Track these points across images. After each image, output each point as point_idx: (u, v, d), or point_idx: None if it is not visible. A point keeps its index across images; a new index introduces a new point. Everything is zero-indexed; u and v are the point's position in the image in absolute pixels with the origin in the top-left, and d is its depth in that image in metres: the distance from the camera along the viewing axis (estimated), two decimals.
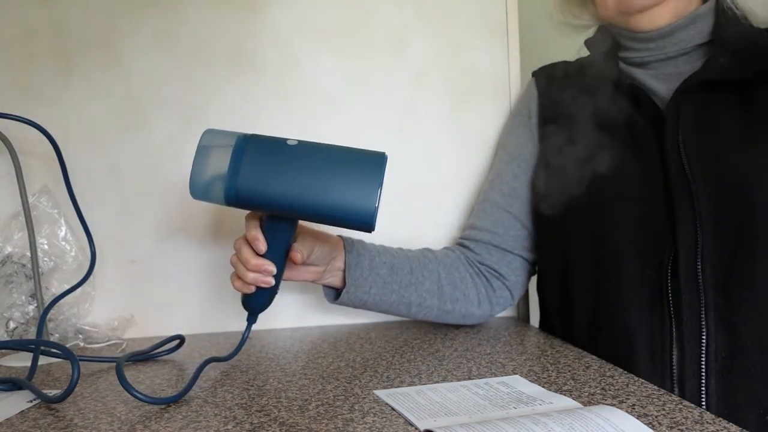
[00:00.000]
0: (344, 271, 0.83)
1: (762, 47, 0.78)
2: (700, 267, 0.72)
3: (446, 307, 0.89)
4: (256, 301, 0.77)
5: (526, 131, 0.95)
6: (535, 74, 0.98)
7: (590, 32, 0.94)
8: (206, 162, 0.68)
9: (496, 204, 0.93)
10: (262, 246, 0.72)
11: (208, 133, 0.69)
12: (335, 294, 0.86)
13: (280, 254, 0.74)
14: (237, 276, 0.75)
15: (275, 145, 0.68)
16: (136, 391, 0.62)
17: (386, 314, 0.91)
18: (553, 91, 0.93)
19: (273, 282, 0.74)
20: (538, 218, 0.91)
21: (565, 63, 0.96)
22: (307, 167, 0.67)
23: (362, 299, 0.85)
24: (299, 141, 0.69)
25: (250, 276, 0.73)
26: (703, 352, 0.72)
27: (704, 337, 0.72)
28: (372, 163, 0.67)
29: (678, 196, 0.75)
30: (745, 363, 0.70)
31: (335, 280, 0.84)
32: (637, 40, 0.84)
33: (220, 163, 0.67)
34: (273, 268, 0.73)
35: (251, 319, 0.79)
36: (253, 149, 0.68)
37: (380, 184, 0.66)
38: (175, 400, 0.64)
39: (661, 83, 0.83)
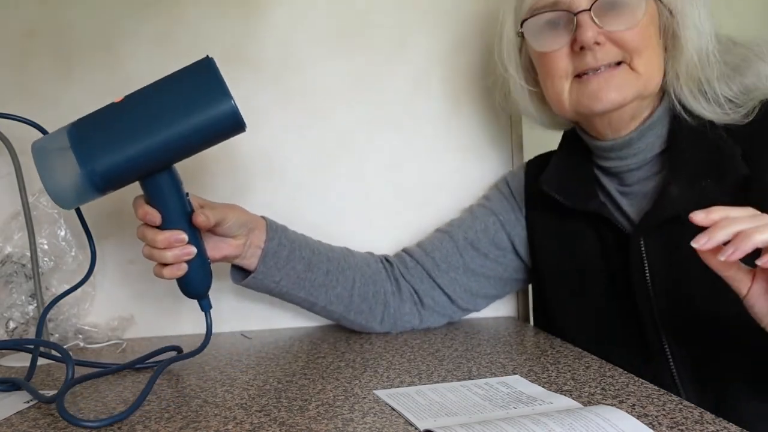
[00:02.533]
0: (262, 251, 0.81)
1: (718, 161, 0.73)
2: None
3: (349, 317, 0.89)
4: (194, 281, 0.73)
5: (513, 212, 0.94)
6: (527, 165, 0.96)
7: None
8: (55, 170, 0.65)
9: (455, 242, 0.92)
10: (155, 216, 0.69)
11: (36, 144, 0.67)
12: (242, 275, 0.84)
13: (180, 218, 0.71)
14: (160, 265, 0.72)
15: (105, 113, 0.66)
16: (77, 419, 0.58)
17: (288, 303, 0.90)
18: (540, 208, 0.91)
19: (193, 250, 0.71)
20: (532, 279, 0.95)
21: (553, 163, 0.91)
22: (149, 109, 0.65)
23: (269, 287, 0.83)
24: (125, 96, 0.66)
25: (168, 254, 0.70)
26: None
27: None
28: (203, 70, 0.66)
29: (653, 347, 0.77)
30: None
31: (253, 261, 0.81)
32: (600, 149, 0.82)
33: (67, 162, 0.64)
34: (183, 236, 0.70)
35: (204, 303, 0.75)
36: (87, 129, 0.65)
37: (222, 82, 0.65)
38: (118, 420, 0.59)
39: (630, 204, 0.81)
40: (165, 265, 0.71)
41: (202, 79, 0.65)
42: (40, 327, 0.81)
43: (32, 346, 0.76)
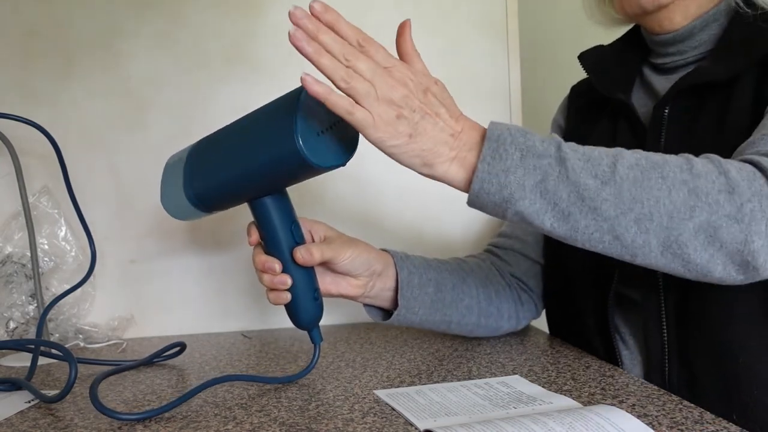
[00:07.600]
0: (395, 291, 0.77)
1: (754, 38, 0.71)
2: (663, 304, 0.71)
3: (481, 323, 0.85)
4: (297, 312, 0.70)
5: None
6: (573, 87, 0.95)
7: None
8: (169, 185, 0.70)
9: None
10: (253, 237, 0.70)
11: (170, 159, 0.71)
12: (383, 314, 0.81)
13: (278, 245, 0.68)
14: (267, 288, 0.71)
15: (216, 135, 0.68)
16: (110, 411, 0.59)
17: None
18: (575, 107, 0.91)
19: (287, 280, 0.68)
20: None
21: (602, 47, 0.90)
22: (237, 138, 0.65)
23: (410, 320, 0.79)
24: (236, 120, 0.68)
25: (265, 278, 0.69)
26: (667, 384, 0.69)
27: (666, 368, 0.70)
28: (287, 102, 0.61)
29: None
30: (702, 398, 0.66)
31: (381, 301, 0.78)
32: (659, 44, 0.79)
33: (177, 180, 0.68)
34: (277, 265, 0.68)
35: (314, 335, 0.72)
36: (199, 150, 0.68)
37: (295, 116, 0.58)
38: (154, 415, 0.60)
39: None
40: (273, 290, 0.70)
41: (280, 113, 0.61)
42: (40, 327, 0.81)
43: (33, 346, 0.76)
